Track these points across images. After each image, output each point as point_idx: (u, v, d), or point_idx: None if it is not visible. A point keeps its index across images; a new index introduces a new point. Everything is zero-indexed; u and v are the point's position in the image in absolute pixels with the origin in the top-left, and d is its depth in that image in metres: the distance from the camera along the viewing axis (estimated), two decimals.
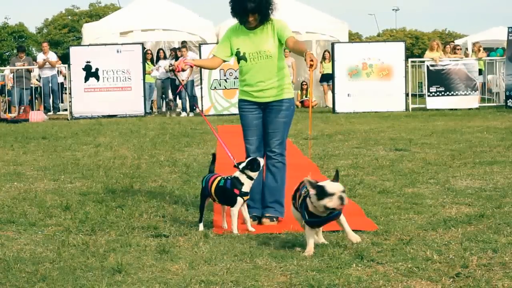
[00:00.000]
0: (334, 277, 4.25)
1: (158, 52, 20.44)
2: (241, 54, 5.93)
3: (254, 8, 5.71)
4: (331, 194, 4.73)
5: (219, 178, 5.65)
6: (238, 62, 5.99)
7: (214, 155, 6.12)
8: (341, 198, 4.73)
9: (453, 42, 23.84)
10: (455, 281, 4.18)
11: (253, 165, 5.55)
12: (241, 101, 6.07)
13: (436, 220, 5.81)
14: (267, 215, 5.94)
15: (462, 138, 11.69)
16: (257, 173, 5.59)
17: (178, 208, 6.48)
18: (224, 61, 6.09)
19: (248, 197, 5.59)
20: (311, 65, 5.51)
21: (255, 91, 5.93)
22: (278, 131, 5.93)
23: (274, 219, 5.91)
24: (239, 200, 5.51)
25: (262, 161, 5.64)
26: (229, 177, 5.60)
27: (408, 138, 11.78)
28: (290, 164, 6.23)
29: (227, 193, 5.55)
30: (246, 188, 5.54)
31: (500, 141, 11.10)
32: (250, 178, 5.56)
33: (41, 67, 19.73)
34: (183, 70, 6.07)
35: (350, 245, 5.02)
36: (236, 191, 5.51)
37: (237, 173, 5.57)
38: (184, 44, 20.27)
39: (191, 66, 6.20)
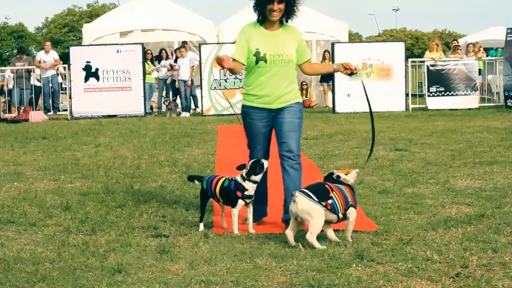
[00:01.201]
0: (334, 277, 4.26)
1: (160, 52, 20.44)
2: (261, 54, 5.62)
3: None
4: None
5: (223, 179, 5.63)
6: (256, 63, 5.64)
7: (190, 178, 6.12)
8: None
9: (456, 41, 23.75)
10: (455, 281, 4.19)
11: (255, 169, 5.51)
12: (248, 107, 5.75)
13: (436, 220, 5.81)
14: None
15: (462, 138, 11.70)
16: (261, 175, 5.54)
17: (178, 208, 6.48)
18: (244, 65, 5.77)
19: (251, 200, 5.56)
20: (351, 73, 5.76)
21: (268, 95, 5.66)
22: (295, 131, 5.70)
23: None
24: (240, 202, 5.51)
25: (266, 163, 5.56)
26: (233, 178, 5.59)
27: (408, 138, 11.79)
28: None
29: (230, 194, 5.54)
30: (250, 192, 5.52)
31: (500, 141, 11.11)
32: (254, 182, 5.52)
33: (36, 65, 19.72)
34: (222, 67, 5.64)
35: (350, 245, 5.02)
36: (239, 194, 5.50)
37: (240, 179, 5.53)
38: (184, 44, 20.27)
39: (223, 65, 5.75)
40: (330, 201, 5.09)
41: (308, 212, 5.05)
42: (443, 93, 18.89)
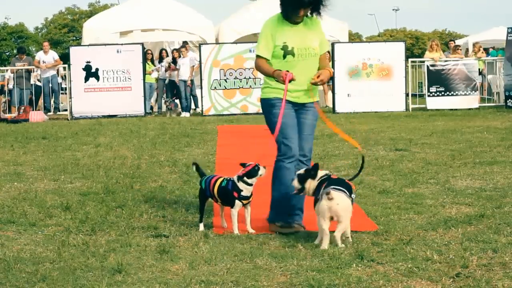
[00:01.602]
0: (334, 277, 4.26)
1: (160, 52, 20.44)
2: (289, 48, 5.51)
3: (311, 1, 5.44)
4: None
5: (221, 179, 5.64)
6: (284, 57, 5.52)
7: (196, 165, 6.04)
8: None
9: (453, 41, 23.80)
10: (455, 281, 4.19)
11: (249, 172, 5.47)
12: (276, 99, 5.55)
13: (436, 220, 5.81)
14: (298, 223, 5.60)
15: (462, 138, 11.69)
16: (254, 179, 5.50)
17: (178, 208, 6.48)
18: (268, 60, 5.59)
19: (248, 201, 5.55)
20: (314, 81, 5.43)
21: (297, 90, 5.55)
22: (312, 135, 5.68)
23: (303, 227, 5.62)
24: (237, 203, 5.51)
25: (262, 170, 5.47)
26: (231, 179, 5.59)
27: (408, 138, 11.78)
28: None
29: (228, 195, 5.54)
30: (245, 193, 5.51)
31: (500, 141, 11.11)
32: (248, 184, 5.51)
33: (36, 66, 19.73)
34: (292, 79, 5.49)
35: (350, 245, 5.02)
36: (235, 194, 5.51)
37: (235, 179, 5.53)
38: (184, 44, 20.26)
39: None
40: (353, 196, 5.12)
41: (347, 209, 4.99)
42: (443, 93, 18.89)
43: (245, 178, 5.49)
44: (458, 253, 4.74)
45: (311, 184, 5.29)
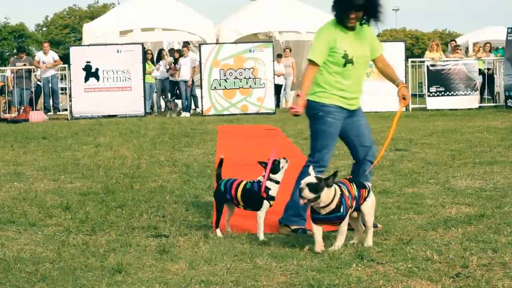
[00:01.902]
0: (334, 277, 4.25)
1: (160, 52, 20.44)
2: (350, 57, 5.42)
3: (362, 5, 5.29)
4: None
5: (244, 182, 5.44)
6: (344, 66, 5.42)
7: (221, 160, 5.86)
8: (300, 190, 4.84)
9: (454, 41, 23.79)
10: (455, 281, 4.18)
11: (272, 168, 5.35)
12: (332, 106, 5.45)
13: (436, 220, 5.81)
14: (308, 229, 5.53)
15: (462, 138, 11.70)
16: (280, 174, 5.37)
17: (178, 208, 6.48)
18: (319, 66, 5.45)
19: (274, 202, 5.38)
20: (403, 100, 5.56)
21: (353, 98, 5.53)
22: (371, 135, 5.70)
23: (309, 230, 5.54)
24: (266, 203, 5.34)
25: (282, 162, 5.36)
26: (255, 181, 5.40)
27: (408, 138, 11.79)
28: (291, 164, 6.20)
29: (254, 197, 5.35)
30: (273, 192, 5.36)
31: (500, 141, 11.11)
32: (276, 181, 5.36)
33: (35, 66, 19.72)
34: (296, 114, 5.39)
35: (350, 245, 5.02)
36: (264, 195, 5.33)
37: (261, 179, 5.37)
38: (185, 44, 20.27)
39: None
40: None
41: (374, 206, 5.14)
42: (443, 93, 18.90)
43: (273, 177, 5.34)
44: (458, 253, 4.74)
45: (329, 193, 4.87)
